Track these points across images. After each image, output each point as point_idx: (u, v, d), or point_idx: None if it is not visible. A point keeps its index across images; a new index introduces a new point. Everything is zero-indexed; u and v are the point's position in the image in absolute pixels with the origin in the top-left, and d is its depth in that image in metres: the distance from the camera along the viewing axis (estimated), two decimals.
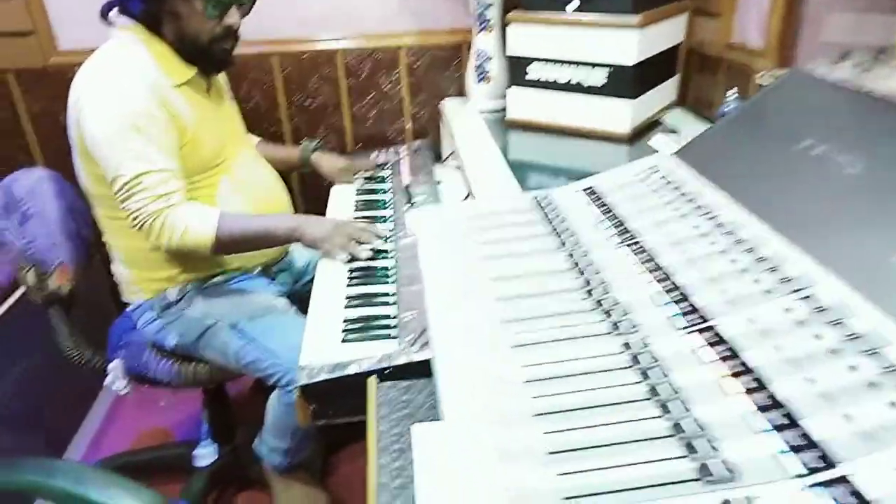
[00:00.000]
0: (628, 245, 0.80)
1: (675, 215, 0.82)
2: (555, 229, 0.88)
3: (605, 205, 0.92)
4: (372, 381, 0.93)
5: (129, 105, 1.19)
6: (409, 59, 1.92)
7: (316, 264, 1.63)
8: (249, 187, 1.41)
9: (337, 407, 1.00)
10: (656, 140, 1.46)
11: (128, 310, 1.43)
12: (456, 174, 1.78)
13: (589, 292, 0.73)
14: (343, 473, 1.73)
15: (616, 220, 0.87)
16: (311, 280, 1.63)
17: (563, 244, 0.84)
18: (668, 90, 1.69)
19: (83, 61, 1.23)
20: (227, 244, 1.26)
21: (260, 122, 1.95)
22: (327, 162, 1.69)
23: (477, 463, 0.53)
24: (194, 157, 1.30)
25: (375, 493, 0.70)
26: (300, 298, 1.55)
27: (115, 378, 1.40)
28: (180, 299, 1.37)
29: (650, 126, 1.60)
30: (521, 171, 1.37)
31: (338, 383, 0.96)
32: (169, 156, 1.23)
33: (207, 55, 1.31)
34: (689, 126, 1.58)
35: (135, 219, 1.21)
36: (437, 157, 1.86)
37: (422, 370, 0.96)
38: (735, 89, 1.36)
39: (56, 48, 1.86)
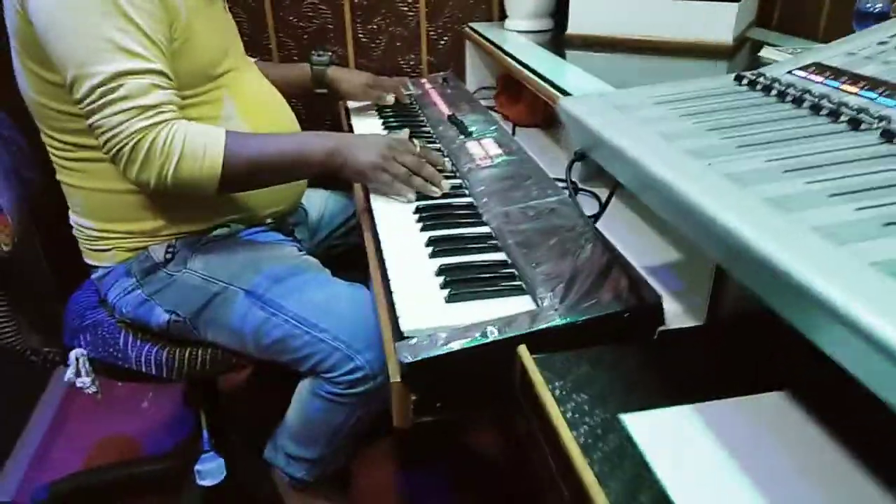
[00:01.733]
0: None
1: None
2: (837, 115, 0.57)
3: (866, 80, 0.62)
4: (524, 350, 0.61)
5: None
6: None
7: (334, 214, 1.29)
8: (260, 114, 1.05)
9: (452, 395, 0.68)
10: (769, 51, 1.18)
11: (93, 277, 1.04)
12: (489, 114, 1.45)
13: None
14: (366, 481, 1.39)
15: None
16: (331, 235, 1.29)
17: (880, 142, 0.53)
18: (752, 4, 1.42)
19: None
20: (239, 175, 0.91)
21: None
22: (347, 77, 1.34)
23: None
24: (188, 61, 0.94)
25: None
26: (322, 260, 1.20)
27: (78, 372, 1.02)
28: (170, 259, 0.99)
29: (741, 43, 1.32)
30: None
31: (457, 361, 0.64)
32: (159, 50, 0.86)
33: None
34: (789, 43, 1.30)
35: (109, 140, 0.84)
36: None
37: (579, 336, 0.65)
38: None
39: None
